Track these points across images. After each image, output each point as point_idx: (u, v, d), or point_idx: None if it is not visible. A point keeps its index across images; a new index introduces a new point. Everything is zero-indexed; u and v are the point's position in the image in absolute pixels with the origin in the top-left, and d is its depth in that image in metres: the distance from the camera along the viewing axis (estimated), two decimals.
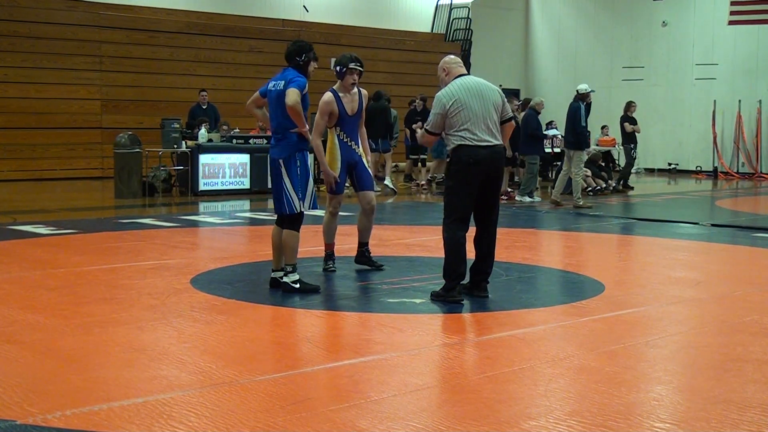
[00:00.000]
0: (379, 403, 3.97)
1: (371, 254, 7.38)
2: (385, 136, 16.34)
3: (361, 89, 7.25)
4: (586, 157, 14.06)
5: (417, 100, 17.42)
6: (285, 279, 6.55)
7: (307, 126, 6.56)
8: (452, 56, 6.54)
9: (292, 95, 6.32)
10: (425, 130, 6.37)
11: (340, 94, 7.16)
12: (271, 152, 6.61)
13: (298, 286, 6.50)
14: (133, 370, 4.42)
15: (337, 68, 7.15)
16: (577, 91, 14.05)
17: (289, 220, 6.56)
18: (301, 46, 6.61)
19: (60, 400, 3.93)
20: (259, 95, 6.75)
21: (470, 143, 6.12)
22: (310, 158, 6.97)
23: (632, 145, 17.65)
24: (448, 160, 6.38)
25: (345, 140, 7.22)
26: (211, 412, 3.81)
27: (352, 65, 7.09)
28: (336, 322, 5.77)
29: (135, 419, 3.69)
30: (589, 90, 14.00)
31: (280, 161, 6.48)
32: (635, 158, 18.18)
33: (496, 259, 6.48)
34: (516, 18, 26.99)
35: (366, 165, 7.33)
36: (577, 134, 13.58)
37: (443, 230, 6.27)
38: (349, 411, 3.84)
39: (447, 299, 6.15)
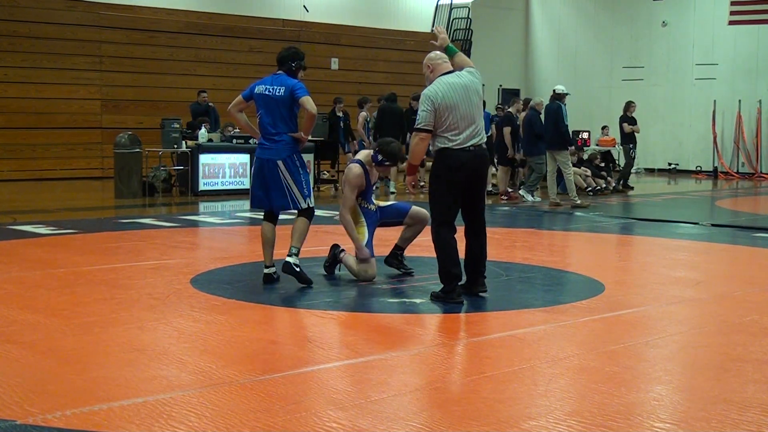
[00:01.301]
0: (379, 403, 3.97)
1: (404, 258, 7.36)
2: (397, 139, 16.19)
3: None
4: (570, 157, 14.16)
5: (412, 101, 17.35)
6: (289, 259, 6.71)
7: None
8: (437, 52, 6.39)
9: (312, 102, 6.61)
10: (416, 128, 6.15)
11: (368, 168, 7.11)
12: (266, 153, 6.75)
13: (299, 269, 6.70)
14: (133, 370, 4.42)
15: (379, 157, 7.04)
16: (554, 91, 14.15)
17: (305, 212, 6.83)
18: (295, 53, 6.85)
19: (60, 400, 3.93)
20: (243, 99, 6.89)
21: (454, 147, 6.06)
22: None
23: (631, 145, 17.66)
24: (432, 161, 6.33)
25: (366, 207, 7.17)
26: (211, 412, 3.81)
27: (400, 162, 7.16)
28: (336, 322, 5.77)
29: (135, 419, 3.69)
30: (566, 92, 14.14)
31: (279, 162, 6.68)
32: (634, 158, 18.19)
33: (496, 259, 6.50)
34: (516, 18, 27.00)
35: (385, 205, 7.31)
36: (560, 134, 13.66)
37: (432, 233, 6.25)
38: (349, 411, 3.84)
39: (447, 301, 6.15)
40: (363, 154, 7.21)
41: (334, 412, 3.82)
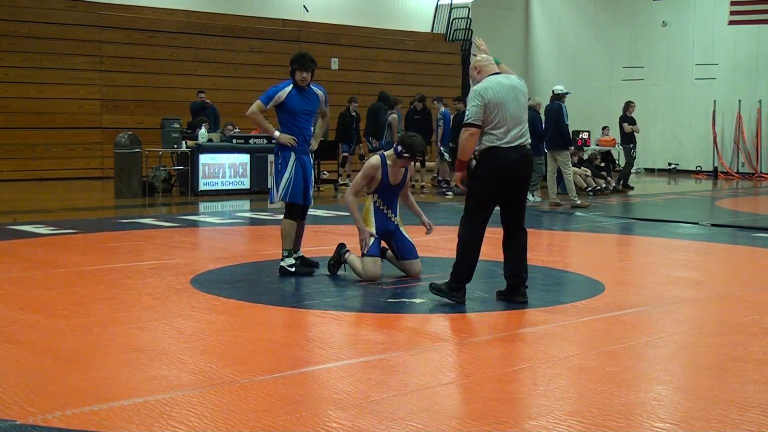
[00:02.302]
0: (379, 403, 3.97)
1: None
2: (376, 136, 16.34)
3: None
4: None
5: (416, 102, 17.36)
6: (282, 263, 7.18)
7: (273, 129, 7.25)
8: (483, 55, 6.33)
9: (252, 106, 7.23)
10: (466, 123, 6.02)
11: (389, 163, 7.07)
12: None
13: (293, 269, 7.11)
14: (133, 370, 4.42)
15: (399, 148, 6.99)
16: (553, 92, 14.16)
17: (285, 209, 7.32)
18: (291, 59, 7.26)
19: (60, 400, 3.93)
20: None
21: (503, 146, 5.96)
22: (292, 160, 7.25)
23: (631, 145, 17.67)
24: (476, 160, 6.18)
25: (381, 207, 7.15)
26: (211, 412, 3.81)
27: (418, 156, 7.04)
28: (336, 322, 5.77)
29: (135, 419, 3.69)
30: (565, 91, 14.14)
31: (271, 156, 7.62)
32: (635, 158, 18.20)
33: (496, 259, 6.47)
34: (516, 18, 27.00)
35: (404, 234, 7.21)
36: (561, 134, 13.67)
37: (460, 229, 6.15)
38: (349, 411, 3.84)
39: (448, 297, 6.07)
40: (389, 151, 7.22)
41: (334, 412, 3.82)
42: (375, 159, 7.13)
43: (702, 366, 4.73)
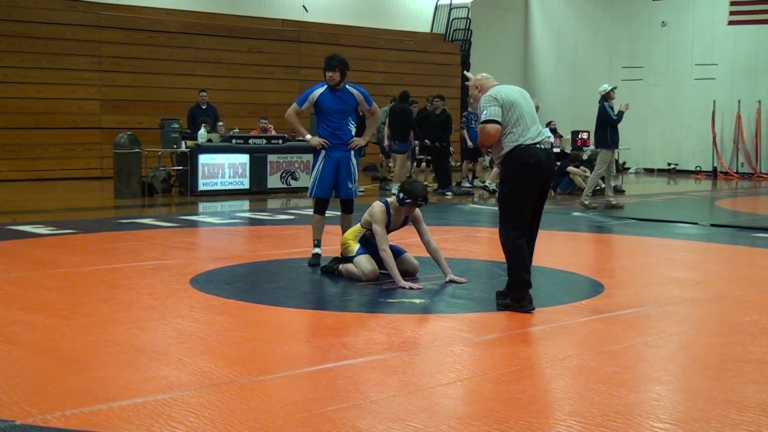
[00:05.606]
0: (379, 403, 3.97)
1: None
2: (402, 138, 16.00)
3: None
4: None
5: (431, 101, 17.28)
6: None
7: (305, 131, 7.69)
8: (484, 74, 6.29)
9: (289, 108, 7.70)
10: (485, 120, 5.89)
11: (392, 211, 6.99)
12: None
13: (310, 258, 7.66)
14: (133, 370, 4.42)
15: (401, 195, 6.89)
16: (599, 93, 14.27)
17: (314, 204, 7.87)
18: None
19: (60, 400, 3.93)
20: None
21: (527, 142, 5.88)
22: (321, 156, 7.74)
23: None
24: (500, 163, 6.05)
25: (369, 239, 7.08)
26: (211, 412, 3.81)
27: (419, 202, 6.90)
28: (336, 322, 5.77)
29: (135, 419, 3.69)
30: (609, 89, 14.13)
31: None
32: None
33: (496, 259, 6.47)
34: (516, 18, 27.00)
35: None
36: (602, 133, 13.71)
37: (501, 237, 6.02)
38: (349, 411, 3.84)
39: (518, 310, 5.92)
40: (391, 197, 7.13)
41: (334, 412, 3.82)
42: (380, 206, 6.97)
43: (702, 366, 4.74)
